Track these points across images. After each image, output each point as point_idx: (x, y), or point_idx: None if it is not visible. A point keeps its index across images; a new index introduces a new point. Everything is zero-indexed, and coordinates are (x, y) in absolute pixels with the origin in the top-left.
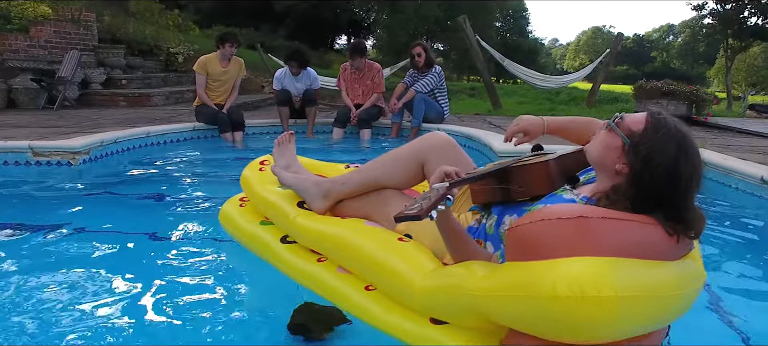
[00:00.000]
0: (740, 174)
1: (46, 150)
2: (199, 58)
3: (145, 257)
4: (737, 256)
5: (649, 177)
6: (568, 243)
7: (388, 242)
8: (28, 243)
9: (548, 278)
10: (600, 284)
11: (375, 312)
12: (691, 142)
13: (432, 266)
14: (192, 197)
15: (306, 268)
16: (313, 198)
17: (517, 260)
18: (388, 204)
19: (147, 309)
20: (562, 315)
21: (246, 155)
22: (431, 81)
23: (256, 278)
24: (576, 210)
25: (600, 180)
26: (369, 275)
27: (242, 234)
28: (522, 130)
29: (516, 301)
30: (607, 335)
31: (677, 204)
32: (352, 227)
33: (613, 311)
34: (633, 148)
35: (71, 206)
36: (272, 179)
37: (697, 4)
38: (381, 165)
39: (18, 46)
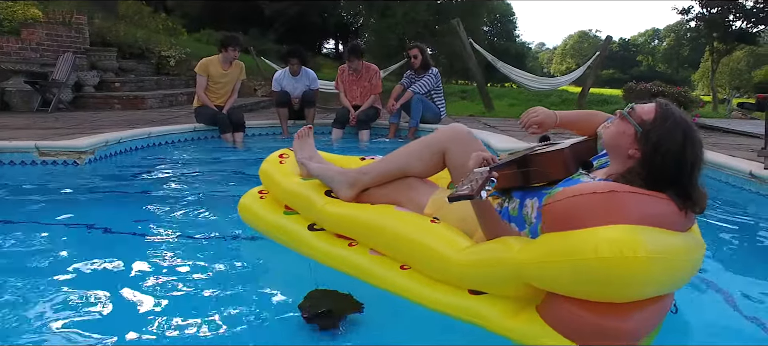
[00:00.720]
0: (730, 169)
1: (52, 150)
2: (201, 59)
3: (155, 254)
4: (728, 242)
5: (660, 160)
6: (603, 213)
7: (423, 224)
8: (39, 241)
9: (591, 243)
10: (635, 246)
11: (414, 289)
12: (694, 130)
13: (466, 243)
14: (197, 195)
15: (338, 253)
16: (340, 186)
17: (554, 232)
18: (412, 190)
19: (161, 304)
20: (603, 274)
21: (247, 156)
22: (428, 82)
23: (266, 271)
24: (607, 186)
25: (613, 163)
26: (405, 256)
27: (266, 224)
28: (537, 123)
29: (561, 265)
30: (637, 293)
31: (684, 183)
32: (385, 212)
33: (645, 269)
34: (644, 135)
35: (80, 204)
36: (294, 170)
37: (683, 8)
38: (404, 155)
39: (9, 48)
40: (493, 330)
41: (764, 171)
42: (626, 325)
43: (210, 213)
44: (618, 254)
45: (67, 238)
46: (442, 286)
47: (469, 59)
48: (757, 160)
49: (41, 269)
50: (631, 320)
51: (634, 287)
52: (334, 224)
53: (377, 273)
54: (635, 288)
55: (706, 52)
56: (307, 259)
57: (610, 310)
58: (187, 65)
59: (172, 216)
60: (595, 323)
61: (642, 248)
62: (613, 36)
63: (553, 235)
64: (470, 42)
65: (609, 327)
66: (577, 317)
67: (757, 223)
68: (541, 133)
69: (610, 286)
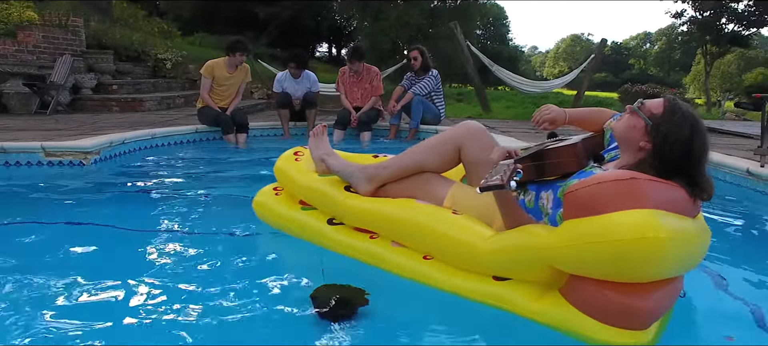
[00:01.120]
0: (728, 167)
1: (58, 150)
2: (207, 61)
3: (163, 251)
4: (728, 235)
5: (669, 151)
6: (625, 199)
7: (446, 216)
8: (48, 240)
9: (615, 226)
10: (656, 228)
11: (438, 277)
12: (701, 123)
13: (489, 233)
14: (203, 194)
15: (360, 245)
16: (359, 182)
17: (576, 218)
18: (429, 185)
19: (174, 299)
20: (627, 254)
21: (251, 156)
22: (428, 84)
23: (275, 266)
24: (628, 173)
25: (624, 155)
26: (429, 246)
27: (284, 220)
28: (549, 120)
29: (587, 248)
30: (657, 272)
31: (692, 173)
32: (408, 205)
33: (665, 249)
34: (654, 128)
35: (88, 204)
36: (310, 167)
37: (677, 12)
38: (421, 150)
39: (6, 50)
40: (520, 313)
41: (761, 169)
42: (646, 303)
43: (216, 211)
44: (641, 236)
45: (75, 237)
46: (466, 274)
47: (467, 62)
48: (754, 159)
49: (51, 267)
50: (651, 298)
51: (655, 266)
52: (356, 217)
53: (400, 263)
54: (656, 267)
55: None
56: (313, 253)
57: (632, 289)
58: (183, 68)
59: (179, 214)
60: (618, 301)
61: (663, 229)
62: (601, 40)
63: (578, 220)
64: (468, 44)
65: (631, 305)
66: (602, 296)
67: (754, 217)
68: (552, 129)
69: (634, 265)
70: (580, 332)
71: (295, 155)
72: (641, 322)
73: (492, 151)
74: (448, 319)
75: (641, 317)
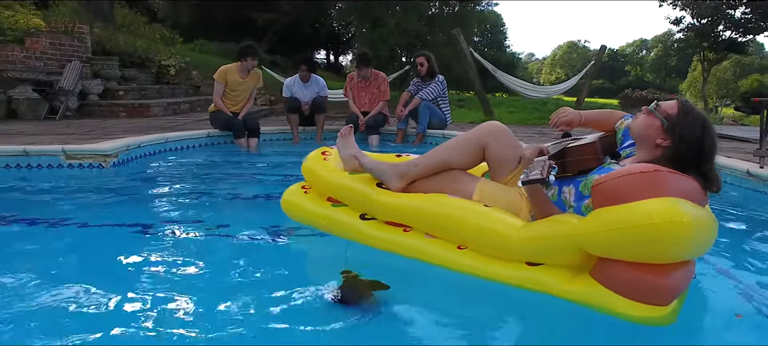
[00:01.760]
0: (729, 169)
1: (79, 153)
2: (220, 67)
3: (184, 249)
4: (730, 232)
5: (685, 148)
6: (650, 188)
7: (480, 209)
8: (72, 239)
9: (643, 212)
10: (681, 213)
11: (474, 265)
12: (710, 123)
13: (520, 223)
14: (221, 194)
15: (395, 239)
16: (390, 179)
17: (605, 206)
18: (457, 182)
19: (196, 295)
20: (655, 237)
21: (262, 159)
22: (435, 89)
23: (293, 260)
24: (651, 166)
25: (640, 152)
26: (464, 237)
27: (315, 216)
28: (566, 122)
29: (616, 233)
30: (681, 252)
31: (703, 167)
32: (442, 200)
33: (688, 232)
34: (670, 128)
35: (110, 205)
36: (338, 166)
37: (675, 18)
38: (449, 149)
39: (14, 57)
40: (555, 294)
41: (760, 170)
42: (669, 281)
43: (236, 210)
44: (668, 220)
45: (99, 236)
46: (500, 261)
47: (470, 68)
48: (753, 160)
49: (75, 267)
50: (673, 277)
51: (679, 247)
52: (390, 212)
53: (435, 254)
54: (680, 249)
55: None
56: (339, 246)
57: (657, 269)
58: (186, 74)
59: (199, 213)
60: (644, 280)
61: (686, 215)
62: (601, 46)
63: (608, 208)
64: (470, 50)
65: (656, 284)
66: (629, 276)
67: (754, 216)
68: (568, 130)
69: (661, 247)
70: (611, 308)
71: (323, 155)
72: (665, 298)
73: (514, 149)
74: (461, 303)
75: (665, 294)
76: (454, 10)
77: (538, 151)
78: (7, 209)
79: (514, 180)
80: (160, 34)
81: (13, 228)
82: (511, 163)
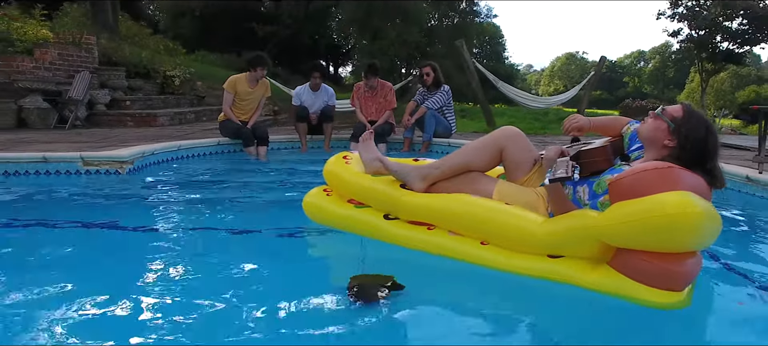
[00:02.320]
0: (729, 174)
1: (96, 159)
2: (229, 77)
3: (205, 249)
4: (730, 235)
5: (690, 148)
6: (664, 183)
7: (503, 208)
8: (99, 242)
9: (659, 204)
10: (693, 204)
11: (498, 260)
12: (712, 125)
13: (541, 219)
14: (235, 198)
15: (419, 236)
16: (414, 180)
17: (623, 201)
18: (476, 183)
19: (219, 291)
20: (670, 226)
21: (272, 167)
22: (440, 99)
23: (308, 259)
24: (664, 164)
25: (649, 152)
26: (488, 233)
27: (338, 217)
28: (577, 128)
29: (634, 224)
30: (694, 241)
31: (707, 165)
32: (466, 199)
33: (700, 222)
34: (677, 129)
35: (131, 207)
36: (359, 169)
37: (674, 30)
38: (469, 152)
39: (24, 67)
40: (576, 284)
41: (759, 175)
42: (683, 269)
43: (251, 213)
44: (682, 211)
45: (119, 238)
46: (523, 255)
47: (472, 78)
48: (752, 166)
49: (97, 267)
50: (686, 265)
51: (692, 235)
52: (415, 212)
53: (460, 249)
54: (693, 237)
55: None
56: (347, 247)
57: (671, 258)
58: (191, 85)
59: (212, 217)
60: (661, 267)
61: (699, 206)
62: (600, 57)
63: (625, 202)
64: (473, 62)
65: (672, 271)
66: (647, 265)
67: (753, 218)
68: (580, 135)
69: (677, 235)
70: (631, 295)
71: (344, 159)
72: (679, 284)
73: (529, 152)
74: (471, 296)
75: (679, 280)
76: (454, 22)
77: (560, 152)
78: (30, 213)
79: (530, 181)
80: (164, 46)
81: (36, 231)
82: (526, 166)
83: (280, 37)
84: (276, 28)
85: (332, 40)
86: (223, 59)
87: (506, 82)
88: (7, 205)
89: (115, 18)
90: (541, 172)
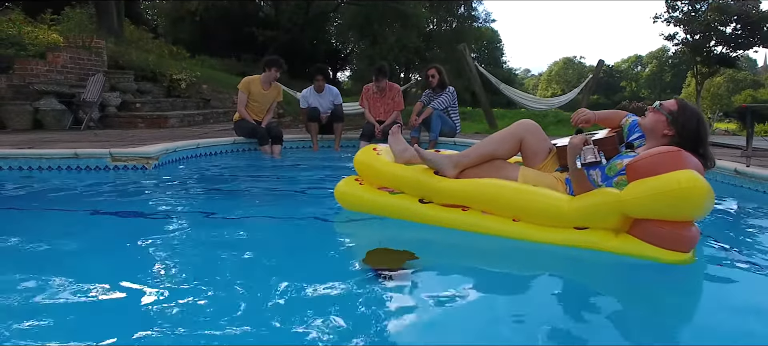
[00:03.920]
0: (719, 168)
1: (124, 156)
2: (244, 78)
3: (241, 233)
4: (720, 224)
5: (686, 135)
6: (675, 163)
7: (531, 189)
8: (137, 228)
9: (674, 179)
10: (700, 179)
11: (531, 233)
12: (702, 115)
13: (567, 197)
14: (253, 191)
15: (455, 217)
16: (446, 167)
17: (640, 179)
18: (502, 170)
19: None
20: (683, 197)
21: (286, 164)
22: (446, 99)
23: (329, 240)
24: (672, 148)
25: (650, 141)
26: (520, 211)
27: (373, 204)
28: (585, 120)
29: (652, 198)
30: (701, 209)
31: (700, 149)
32: (499, 183)
33: (707, 194)
34: (674, 121)
35: (160, 198)
36: (390, 159)
37: (669, 34)
38: (493, 142)
39: (38, 71)
40: (601, 249)
41: (747, 168)
42: (690, 233)
43: (268, 204)
44: (692, 185)
45: (151, 225)
46: (552, 228)
47: (475, 81)
48: (740, 160)
49: (133, 250)
50: (691, 231)
51: (698, 205)
52: (450, 196)
53: (494, 227)
54: (699, 206)
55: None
56: (375, 228)
57: (680, 225)
58: (197, 88)
59: (236, 206)
60: (672, 232)
61: (704, 181)
62: (598, 61)
63: (644, 179)
64: (476, 65)
65: (681, 235)
66: (661, 230)
67: (741, 209)
68: (587, 126)
69: (687, 205)
70: (647, 254)
71: (374, 150)
72: (687, 246)
73: (545, 142)
74: (482, 267)
75: (687, 243)
76: (452, 26)
77: (585, 141)
78: (68, 203)
79: (546, 167)
80: (168, 50)
81: (76, 217)
82: (543, 154)
83: (280, 41)
84: (276, 32)
85: (331, 45)
86: (223, 63)
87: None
88: (41, 194)
89: (120, 23)
90: (554, 159)
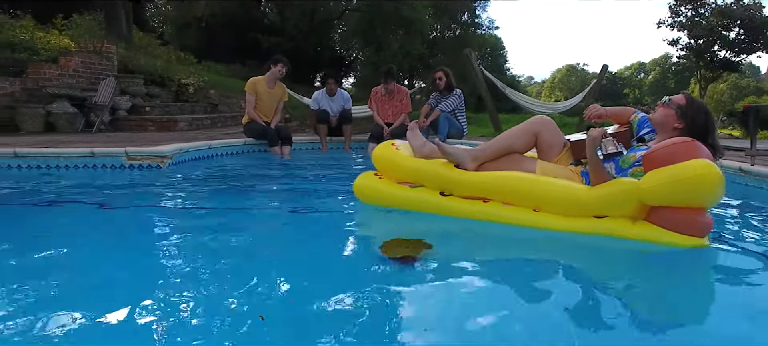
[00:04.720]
0: (723, 167)
1: (139, 155)
2: (249, 80)
3: (249, 228)
4: (725, 221)
5: (695, 127)
6: (690, 152)
7: (550, 181)
8: (154, 221)
9: (690, 167)
10: (714, 167)
11: (552, 222)
12: (709, 108)
13: (586, 188)
14: (266, 188)
15: (476, 208)
16: (466, 161)
17: (657, 168)
18: (519, 163)
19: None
20: (699, 183)
21: (296, 164)
22: (453, 102)
23: (347, 231)
24: (687, 139)
25: (661, 134)
26: (540, 201)
27: (393, 197)
28: (598, 115)
29: (669, 185)
30: (715, 196)
31: (708, 139)
32: (520, 176)
33: (721, 181)
34: (683, 114)
35: (175, 194)
36: (408, 154)
37: (673, 39)
38: (510, 137)
39: (50, 74)
40: (621, 236)
41: (751, 167)
42: (705, 219)
43: (285, 201)
44: (707, 172)
45: (169, 218)
46: (570, 217)
47: (481, 86)
48: (744, 160)
49: (151, 242)
50: (706, 216)
51: (713, 191)
52: (471, 188)
53: (514, 217)
54: (713, 193)
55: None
56: (382, 222)
57: (696, 211)
58: (204, 92)
59: (250, 200)
60: (689, 218)
61: (717, 169)
62: (603, 66)
63: (661, 169)
64: (482, 69)
65: (697, 220)
66: (678, 216)
67: (746, 206)
68: (599, 122)
69: (702, 190)
70: (664, 240)
71: (393, 145)
72: (703, 232)
73: (559, 136)
74: (495, 256)
75: (703, 228)
76: (456, 33)
77: (604, 134)
78: (84, 198)
79: (561, 160)
80: (175, 56)
81: (92, 212)
82: (558, 147)
83: (284, 48)
84: (280, 39)
85: (335, 51)
86: (228, 69)
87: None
88: (61, 191)
89: (129, 28)
90: (569, 153)
